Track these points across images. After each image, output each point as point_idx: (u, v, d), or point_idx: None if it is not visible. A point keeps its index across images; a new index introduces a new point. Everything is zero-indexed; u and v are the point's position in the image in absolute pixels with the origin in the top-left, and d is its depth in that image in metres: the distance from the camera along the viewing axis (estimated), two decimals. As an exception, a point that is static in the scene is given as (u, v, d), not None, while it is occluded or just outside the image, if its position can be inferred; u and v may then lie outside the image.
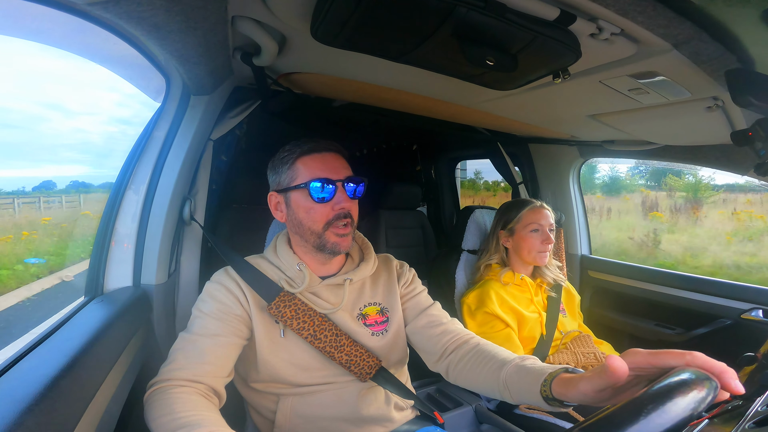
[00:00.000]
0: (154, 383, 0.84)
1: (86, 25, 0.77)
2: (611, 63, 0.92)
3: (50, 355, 0.74)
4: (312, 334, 0.97)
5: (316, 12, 0.76)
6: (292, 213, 1.02)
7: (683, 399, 0.44)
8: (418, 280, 1.20)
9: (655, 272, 1.97)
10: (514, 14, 0.70)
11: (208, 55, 0.96)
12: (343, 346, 0.99)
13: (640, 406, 0.43)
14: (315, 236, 1.00)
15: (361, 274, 1.08)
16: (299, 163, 1.00)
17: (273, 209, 1.07)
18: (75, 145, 5.26)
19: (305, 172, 0.99)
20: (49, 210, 3.04)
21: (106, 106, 4.94)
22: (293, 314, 0.97)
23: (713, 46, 0.78)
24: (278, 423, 0.99)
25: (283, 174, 1.02)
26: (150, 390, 0.82)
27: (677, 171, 5.15)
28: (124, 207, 1.20)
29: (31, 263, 2.47)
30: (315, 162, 0.99)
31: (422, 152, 3.44)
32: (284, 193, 1.03)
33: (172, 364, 0.87)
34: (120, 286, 1.18)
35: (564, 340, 1.56)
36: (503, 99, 1.33)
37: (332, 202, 0.98)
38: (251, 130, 2.34)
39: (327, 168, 0.99)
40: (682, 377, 0.48)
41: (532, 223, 1.59)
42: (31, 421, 0.55)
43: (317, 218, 0.99)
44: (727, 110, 1.13)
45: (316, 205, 0.98)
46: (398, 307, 1.11)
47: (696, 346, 1.76)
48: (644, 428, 0.41)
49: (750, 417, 0.55)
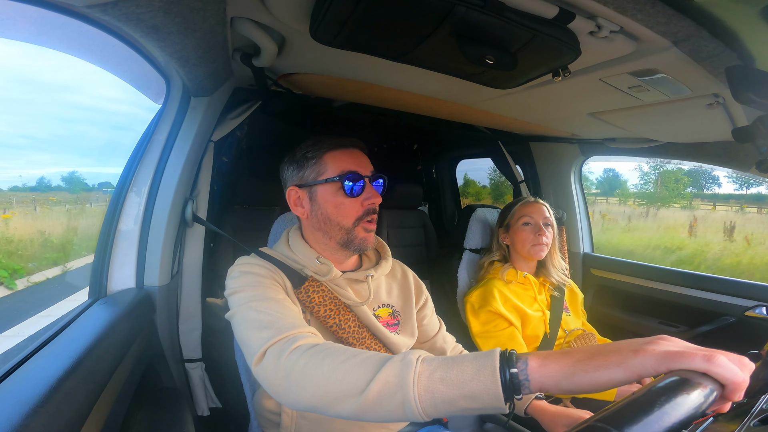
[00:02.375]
0: (282, 343, 0.73)
1: (85, 28, 0.77)
2: (611, 61, 0.92)
3: (55, 356, 0.74)
4: (337, 323, 0.96)
5: (315, 12, 0.76)
6: (318, 208, 0.99)
7: (687, 397, 0.44)
8: (430, 302, 1.21)
9: (658, 270, 1.97)
10: (513, 12, 0.70)
11: (208, 57, 0.96)
12: (363, 339, 0.98)
13: (645, 404, 0.43)
14: (344, 232, 0.98)
15: (382, 271, 1.08)
16: (327, 157, 0.98)
17: (293, 205, 1.03)
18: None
19: (334, 166, 0.97)
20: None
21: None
22: (321, 301, 0.95)
23: (713, 44, 0.78)
24: (284, 424, 0.98)
25: (308, 168, 0.99)
26: (288, 349, 0.71)
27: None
28: (127, 209, 1.20)
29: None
30: (344, 156, 0.98)
31: (423, 151, 3.43)
32: (308, 188, 1.00)
33: (280, 327, 0.78)
34: (123, 287, 1.18)
35: (568, 338, 1.56)
36: (503, 97, 1.33)
37: (362, 197, 0.97)
38: (252, 131, 2.34)
39: (356, 163, 0.98)
40: (684, 376, 0.47)
41: (524, 216, 1.60)
42: (36, 422, 0.55)
43: (348, 213, 0.97)
44: (728, 107, 1.12)
45: (347, 200, 0.97)
46: (412, 316, 1.11)
47: (700, 343, 1.73)
48: (649, 426, 0.41)
49: (755, 415, 0.55)
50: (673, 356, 0.49)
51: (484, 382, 0.55)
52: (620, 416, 0.42)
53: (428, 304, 1.20)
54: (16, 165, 6.43)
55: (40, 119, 4.37)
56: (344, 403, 0.63)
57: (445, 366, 0.59)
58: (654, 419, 0.41)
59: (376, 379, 0.60)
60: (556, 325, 1.56)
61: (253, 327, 0.80)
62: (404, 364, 0.60)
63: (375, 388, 0.60)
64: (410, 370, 0.59)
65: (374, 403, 0.60)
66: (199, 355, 1.47)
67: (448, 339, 1.21)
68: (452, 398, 0.57)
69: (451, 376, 0.57)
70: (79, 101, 2.81)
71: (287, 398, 0.69)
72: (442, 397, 0.57)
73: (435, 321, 1.21)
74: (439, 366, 0.59)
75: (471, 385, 0.56)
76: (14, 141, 5.98)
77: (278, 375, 0.70)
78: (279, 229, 1.22)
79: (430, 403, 0.57)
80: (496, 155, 2.43)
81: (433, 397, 0.57)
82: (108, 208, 1.21)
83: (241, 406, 1.13)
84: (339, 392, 0.63)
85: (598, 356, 0.53)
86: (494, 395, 0.54)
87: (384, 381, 0.60)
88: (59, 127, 2.44)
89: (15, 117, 6.06)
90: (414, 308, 1.13)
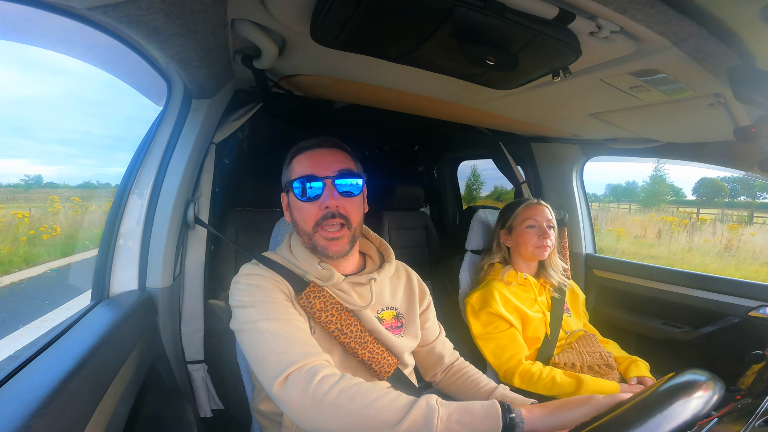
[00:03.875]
0: (305, 372, 0.80)
1: (87, 30, 0.77)
2: (612, 61, 0.92)
3: (58, 358, 0.75)
4: (339, 328, 0.96)
5: (316, 14, 0.76)
6: (291, 212, 1.02)
7: (690, 399, 0.44)
8: (433, 306, 1.22)
9: (661, 270, 1.96)
10: (513, 13, 0.70)
11: (209, 59, 0.96)
12: (366, 343, 0.98)
13: (650, 406, 0.43)
14: (307, 237, 0.98)
15: (385, 274, 1.07)
16: (294, 161, 0.99)
17: (284, 209, 1.06)
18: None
19: (297, 169, 0.97)
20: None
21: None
22: (322, 306, 0.95)
23: (713, 43, 0.78)
24: (285, 424, 0.98)
25: (285, 173, 1.01)
26: (314, 380, 0.78)
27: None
28: (129, 211, 1.20)
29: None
30: (305, 159, 0.97)
31: (424, 153, 3.43)
32: (286, 193, 1.02)
33: (297, 354, 0.83)
34: (126, 289, 1.19)
35: (569, 339, 1.55)
36: (505, 98, 1.33)
37: (319, 200, 0.94)
38: (253, 133, 2.35)
39: (315, 165, 0.95)
40: (688, 378, 0.47)
41: (528, 219, 1.59)
42: (39, 424, 0.56)
43: (306, 218, 0.96)
44: (729, 107, 1.12)
45: (305, 204, 0.96)
46: (416, 319, 1.12)
47: (704, 344, 1.76)
48: (654, 428, 0.41)
49: (759, 415, 0.55)
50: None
51: (490, 424, 0.72)
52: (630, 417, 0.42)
53: (431, 308, 1.21)
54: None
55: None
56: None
57: (459, 411, 0.74)
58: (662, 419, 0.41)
59: (406, 419, 0.73)
60: (557, 326, 1.55)
61: (269, 348, 0.85)
62: (429, 408, 0.74)
63: (405, 426, 0.72)
64: (435, 414, 0.73)
65: None
66: (201, 356, 1.47)
67: (447, 345, 1.22)
68: None
69: (464, 419, 0.73)
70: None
71: (312, 425, 0.78)
72: None
73: (436, 326, 1.22)
74: (455, 411, 0.74)
75: (481, 425, 0.72)
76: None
77: (305, 403, 0.78)
78: (280, 231, 1.22)
79: None
80: (497, 156, 2.43)
81: None
82: (110, 210, 1.21)
83: (242, 408, 1.13)
84: (371, 428, 0.75)
85: (569, 402, 0.76)
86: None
87: (413, 420, 0.73)
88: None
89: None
90: (418, 311, 1.14)
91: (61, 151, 7.80)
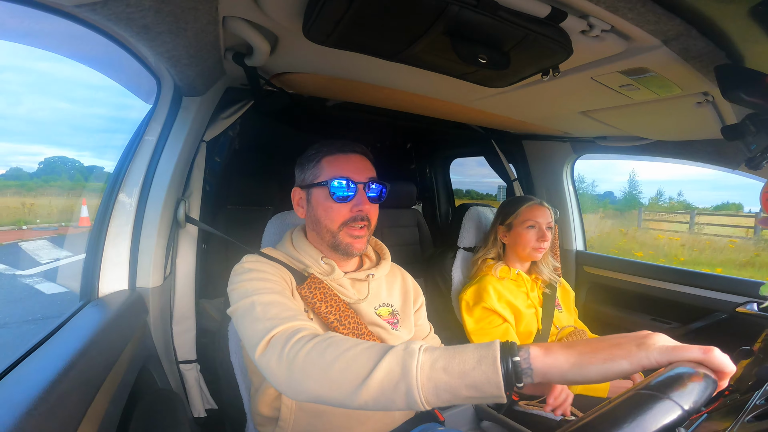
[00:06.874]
0: (283, 335, 0.74)
1: (75, 27, 0.76)
2: (602, 60, 0.93)
3: (47, 359, 0.74)
4: (338, 319, 0.97)
5: (308, 11, 0.76)
6: (312, 210, 1.03)
7: (681, 393, 0.45)
8: (424, 307, 1.24)
9: (650, 267, 1.98)
10: (505, 12, 0.71)
11: (199, 56, 0.95)
12: (363, 335, 1.00)
13: (641, 401, 0.43)
14: (330, 235, 1.01)
15: (382, 271, 1.12)
16: (324, 161, 1.01)
17: (295, 205, 1.07)
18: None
19: (328, 170, 0.99)
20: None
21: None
22: (322, 297, 0.97)
23: (702, 42, 0.79)
24: (282, 416, 0.99)
25: (308, 171, 1.03)
26: (291, 339, 0.72)
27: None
28: (118, 210, 1.19)
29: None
30: (340, 161, 1.00)
31: (417, 151, 3.44)
32: (307, 190, 1.04)
33: (287, 321, 0.78)
34: (115, 289, 1.17)
35: (559, 335, 1.57)
36: (496, 96, 1.34)
37: (352, 203, 0.99)
38: (244, 131, 2.33)
39: (350, 169, 0.99)
40: (679, 371, 0.48)
41: (528, 219, 1.60)
42: (29, 425, 0.55)
43: (334, 217, 0.99)
44: (717, 105, 1.13)
45: (336, 205, 0.99)
46: (410, 316, 1.15)
47: (692, 340, 1.77)
48: (645, 423, 0.41)
49: (748, 410, 0.56)
50: (673, 349, 0.51)
51: (485, 372, 0.56)
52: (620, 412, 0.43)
53: (423, 308, 1.23)
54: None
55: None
56: (347, 391, 0.63)
57: (447, 356, 0.59)
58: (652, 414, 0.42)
59: (378, 367, 0.61)
60: (548, 321, 1.57)
61: (256, 318, 0.80)
62: (407, 353, 0.61)
63: (378, 376, 0.60)
64: (413, 360, 0.59)
65: (377, 391, 0.60)
66: (193, 356, 1.47)
67: (436, 342, 1.24)
68: (454, 387, 0.57)
69: (453, 365, 0.57)
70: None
71: (290, 388, 0.69)
72: (444, 387, 0.57)
73: (426, 325, 1.24)
74: (441, 355, 0.59)
75: (473, 374, 0.56)
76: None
77: (281, 365, 0.70)
78: (273, 230, 1.21)
79: (432, 392, 0.58)
80: (489, 154, 2.44)
81: (435, 387, 0.58)
82: (98, 208, 1.19)
83: (237, 407, 1.12)
84: (342, 380, 0.63)
85: (602, 350, 0.54)
86: (495, 384, 0.55)
87: (387, 370, 0.60)
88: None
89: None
90: (412, 309, 1.17)
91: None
